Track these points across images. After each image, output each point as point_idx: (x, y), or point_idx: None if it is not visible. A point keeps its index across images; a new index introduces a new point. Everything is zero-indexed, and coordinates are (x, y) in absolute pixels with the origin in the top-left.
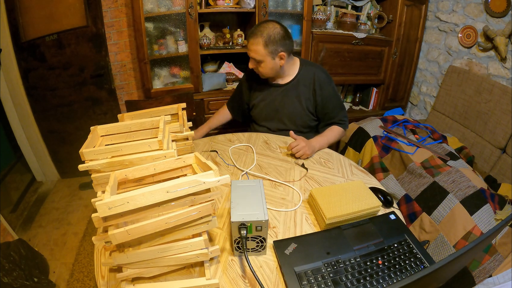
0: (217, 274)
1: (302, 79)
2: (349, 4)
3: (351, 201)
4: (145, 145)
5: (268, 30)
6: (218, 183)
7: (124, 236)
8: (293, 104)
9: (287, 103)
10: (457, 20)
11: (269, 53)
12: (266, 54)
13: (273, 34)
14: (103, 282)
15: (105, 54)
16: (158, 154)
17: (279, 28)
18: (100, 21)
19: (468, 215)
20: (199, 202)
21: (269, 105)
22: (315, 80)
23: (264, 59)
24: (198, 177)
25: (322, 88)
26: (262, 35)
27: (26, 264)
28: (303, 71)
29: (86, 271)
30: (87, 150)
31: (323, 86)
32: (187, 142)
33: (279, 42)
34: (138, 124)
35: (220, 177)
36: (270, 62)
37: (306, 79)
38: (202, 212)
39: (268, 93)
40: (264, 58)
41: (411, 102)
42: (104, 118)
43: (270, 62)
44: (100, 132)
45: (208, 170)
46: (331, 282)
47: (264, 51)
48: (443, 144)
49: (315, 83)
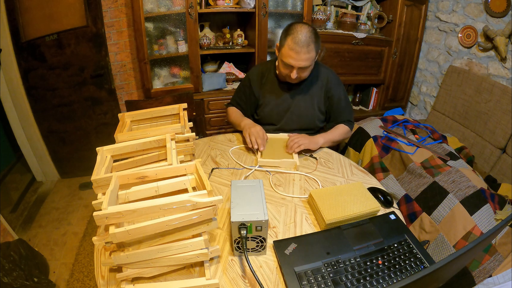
0: (217, 274)
1: (315, 80)
2: (349, 4)
3: (350, 203)
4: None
5: (311, 33)
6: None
7: (124, 235)
8: (305, 103)
9: (299, 102)
10: (457, 20)
11: (316, 54)
12: (315, 57)
13: (316, 35)
14: (103, 282)
15: (105, 54)
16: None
17: (311, 27)
18: (100, 21)
19: (468, 215)
20: (201, 207)
21: (280, 104)
22: (328, 82)
23: (313, 63)
24: (191, 197)
25: (333, 89)
26: (312, 40)
27: (26, 264)
28: (314, 72)
29: (86, 271)
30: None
31: (335, 87)
32: (188, 143)
33: (319, 41)
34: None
35: (213, 198)
36: (313, 63)
37: (318, 79)
38: (203, 216)
39: (280, 92)
40: (313, 62)
41: (411, 102)
42: (104, 118)
43: (313, 63)
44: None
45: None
46: (331, 282)
47: (315, 54)
48: (443, 144)
49: (327, 85)
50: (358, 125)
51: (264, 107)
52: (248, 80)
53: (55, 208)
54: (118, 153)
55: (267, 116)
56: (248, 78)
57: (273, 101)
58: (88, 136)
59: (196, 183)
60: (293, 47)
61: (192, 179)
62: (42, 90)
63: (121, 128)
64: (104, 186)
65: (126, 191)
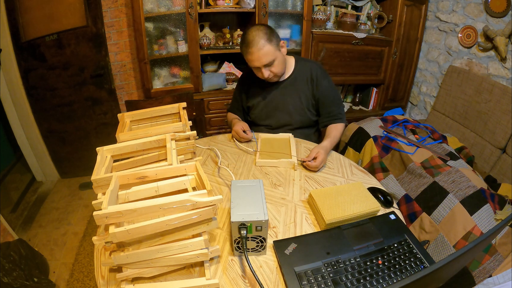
0: (217, 274)
1: (299, 75)
2: (349, 4)
3: (350, 203)
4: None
5: (258, 31)
6: (210, 203)
7: (124, 235)
8: (293, 100)
9: (286, 99)
10: (457, 20)
11: (275, 46)
12: (274, 49)
13: (264, 30)
14: (103, 282)
15: (105, 54)
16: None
17: (261, 26)
18: (100, 21)
19: (468, 215)
20: (201, 207)
21: (269, 103)
22: (312, 75)
23: (275, 55)
24: (191, 197)
25: (319, 82)
26: (260, 37)
27: (26, 264)
28: (299, 67)
29: (86, 271)
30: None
31: (320, 80)
32: (189, 142)
33: (273, 33)
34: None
35: (212, 197)
36: (279, 55)
37: (303, 74)
38: (203, 215)
39: (266, 92)
40: (275, 54)
41: (411, 102)
42: (104, 118)
43: (279, 55)
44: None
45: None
46: (331, 282)
47: (272, 47)
48: (443, 144)
49: (312, 78)
50: (358, 125)
51: (255, 109)
52: (237, 86)
53: (55, 208)
54: (118, 153)
55: (258, 116)
56: (238, 85)
57: (261, 101)
58: (88, 136)
59: (196, 183)
60: (247, 51)
61: (192, 179)
62: (42, 90)
63: (121, 128)
64: (104, 186)
65: (126, 191)
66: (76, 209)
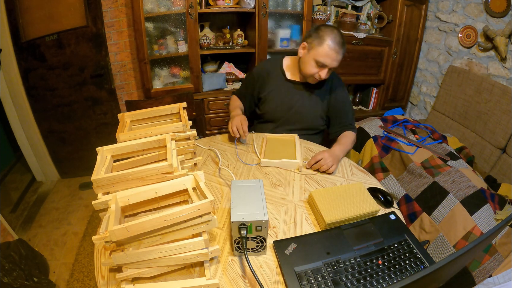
0: (217, 274)
1: (320, 82)
2: (349, 4)
3: (350, 203)
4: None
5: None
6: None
7: (123, 233)
8: (310, 103)
9: (304, 101)
10: (457, 20)
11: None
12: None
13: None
14: (103, 282)
15: (105, 54)
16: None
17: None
18: (100, 21)
19: (468, 215)
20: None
21: (285, 101)
22: (332, 83)
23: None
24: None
25: (337, 91)
26: (345, 45)
27: (26, 264)
28: None
29: (86, 271)
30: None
31: (338, 89)
32: (189, 142)
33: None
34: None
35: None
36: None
37: (323, 81)
38: (201, 210)
39: (285, 90)
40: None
41: (411, 102)
42: (104, 118)
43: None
44: (106, 154)
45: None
46: (331, 282)
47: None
48: (443, 144)
49: (331, 86)
50: (358, 125)
51: (268, 103)
52: (253, 76)
53: (55, 208)
54: (118, 153)
55: (270, 111)
56: (253, 74)
57: (277, 97)
58: (88, 136)
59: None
60: (334, 48)
61: (192, 179)
62: (42, 90)
63: (122, 128)
64: (104, 186)
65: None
66: (76, 209)
